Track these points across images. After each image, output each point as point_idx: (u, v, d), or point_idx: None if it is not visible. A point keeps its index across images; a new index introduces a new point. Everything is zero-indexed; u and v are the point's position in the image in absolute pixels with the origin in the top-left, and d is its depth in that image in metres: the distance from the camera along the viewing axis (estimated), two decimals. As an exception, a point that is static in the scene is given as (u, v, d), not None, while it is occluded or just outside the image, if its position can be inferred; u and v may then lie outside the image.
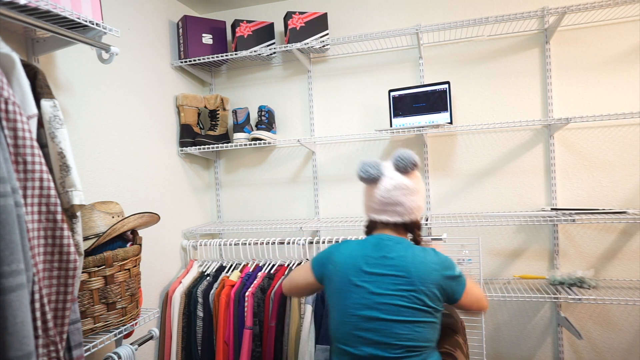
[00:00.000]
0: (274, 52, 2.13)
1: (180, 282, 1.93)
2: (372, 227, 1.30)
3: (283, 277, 1.86)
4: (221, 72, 2.43)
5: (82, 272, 1.20)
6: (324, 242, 1.97)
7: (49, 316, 0.93)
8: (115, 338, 1.33)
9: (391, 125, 2.02)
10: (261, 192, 2.38)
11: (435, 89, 1.95)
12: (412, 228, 1.29)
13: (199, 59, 2.11)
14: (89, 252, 1.25)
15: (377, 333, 1.13)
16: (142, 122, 1.88)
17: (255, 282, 1.84)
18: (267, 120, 2.17)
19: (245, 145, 2.14)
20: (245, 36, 2.14)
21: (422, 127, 1.91)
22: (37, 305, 0.89)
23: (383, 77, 2.18)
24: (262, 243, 2.00)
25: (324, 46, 2.07)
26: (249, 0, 2.30)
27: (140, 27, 1.91)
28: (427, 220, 1.99)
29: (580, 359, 1.99)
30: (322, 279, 1.30)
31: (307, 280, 1.34)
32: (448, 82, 1.93)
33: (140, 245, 1.44)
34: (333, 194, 2.28)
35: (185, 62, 2.13)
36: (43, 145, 1.02)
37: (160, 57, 2.05)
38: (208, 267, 2.06)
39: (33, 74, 1.04)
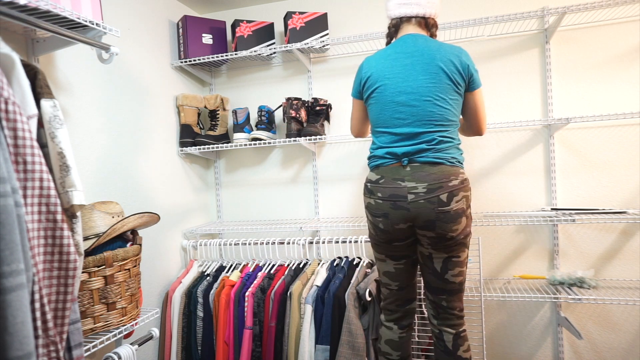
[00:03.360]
0: (274, 52, 2.13)
1: (180, 282, 1.93)
2: (395, 28, 1.46)
3: (283, 277, 1.86)
4: (221, 72, 2.44)
5: (82, 272, 1.20)
6: (324, 242, 1.97)
7: (49, 316, 0.93)
8: (115, 338, 1.33)
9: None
10: (261, 192, 2.38)
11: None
12: (431, 26, 1.45)
13: (199, 59, 2.11)
14: (89, 252, 1.25)
15: (412, 112, 1.36)
16: (142, 122, 1.88)
17: (255, 282, 1.84)
18: (267, 120, 2.17)
19: (245, 145, 2.14)
20: (245, 36, 2.14)
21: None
22: (37, 305, 0.89)
23: (383, 77, 2.17)
24: (262, 243, 2.00)
25: (324, 46, 2.07)
26: (249, 0, 2.30)
27: (140, 27, 1.91)
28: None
29: (580, 359, 1.99)
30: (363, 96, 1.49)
31: (358, 107, 1.55)
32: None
33: (140, 245, 1.44)
34: (333, 194, 2.28)
35: (185, 62, 2.13)
36: (43, 145, 1.02)
37: (160, 57, 2.05)
38: (208, 267, 2.06)
39: (33, 74, 1.04)
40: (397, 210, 1.35)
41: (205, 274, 2.01)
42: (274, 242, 1.99)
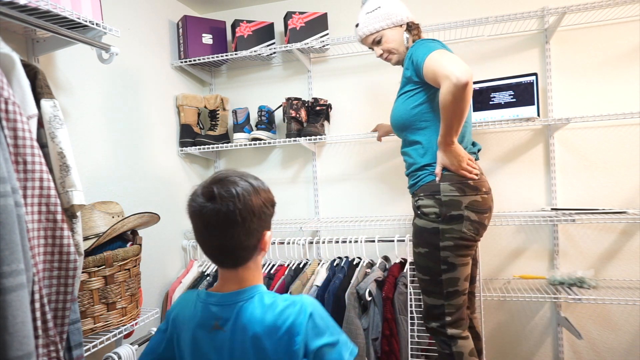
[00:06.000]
0: (274, 52, 2.13)
1: (181, 282, 1.93)
2: (418, 30, 1.54)
3: (283, 277, 1.86)
4: (221, 72, 2.43)
5: (82, 272, 1.20)
6: (324, 242, 1.97)
7: (49, 316, 0.93)
8: (115, 338, 1.33)
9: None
10: (261, 192, 2.38)
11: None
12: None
13: (199, 59, 2.11)
14: (89, 252, 1.25)
15: None
16: (142, 122, 1.88)
17: (255, 282, 1.84)
18: (267, 120, 2.17)
19: (245, 145, 2.14)
20: (245, 36, 2.14)
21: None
22: (37, 305, 0.89)
23: (383, 76, 2.17)
24: (262, 243, 2.00)
25: (324, 46, 2.07)
26: (249, 0, 2.30)
27: (140, 27, 1.91)
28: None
29: (580, 359, 1.99)
30: None
31: None
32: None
33: (140, 245, 1.44)
34: (333, 194, 2.28)
35: (185, 62, 2.13)
36: (43, 145, 1.02)
37: (160, 57, 2.05)
38: (208, 267, 2.06)
39: (33, 74, 1.04)
40: (493, 202, 1.42)
41: (206, 274, 2.01)
42: (274, 242, 1.98)
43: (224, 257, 0.86)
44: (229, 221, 0.80)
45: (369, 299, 1.63)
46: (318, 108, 2.12)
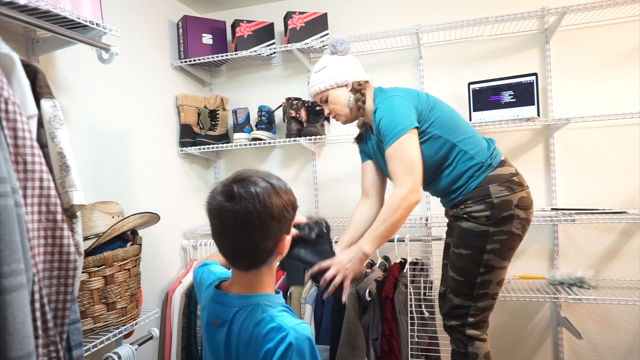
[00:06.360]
0: (274, 52, 2.13)
1: (181, 282, 1.93)
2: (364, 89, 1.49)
3: (283, 277, 1.85)
4: (221, 72, 2.43)
5: (82, 272, 1.20)
6: (324, 242, 1.97)
7: (49, 316, 0.93)
8: (115, 338, 1.33)
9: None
10: (261, 192, 2.38)
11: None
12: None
13: (199, 59, 2.11)
14: (89, 252, 1.25)
15: None
16: (142, 122, 1.88)
17: (255, 282, 1.84)
18: (267, 120, 2.17)
19: (245, 145, 2.14)
20: (245, 36, 2.14)
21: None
22: (37, 305, 0.89)
23: (383, 77, 2.17)
24: (262, 243, 2.00)
25: (324, 46, 2.07)
26: (249, 0, 2.30)
27: (140, 27, 1.91)
28: (427, 220, 1.99)
29: (580, 359, 1.99)
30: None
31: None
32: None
33: (140, 245, 1.44)
34: (333, 194, 2.28)
35: (185, 62, 2.13)
36: (43, 145, 1.02)
37: (160, 57, 2.05)
38: (208, 267, 2.06)
39: (33, 74, 1.04)
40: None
41: (205, 274, 2.01)
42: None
43: (237, 258, 0.85)
44: (247, 223, 0.78)
45: (369, 299, 1.63)
46: (318, 108, 2.12)
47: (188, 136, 2.14)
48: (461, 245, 1.39)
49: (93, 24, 1.24)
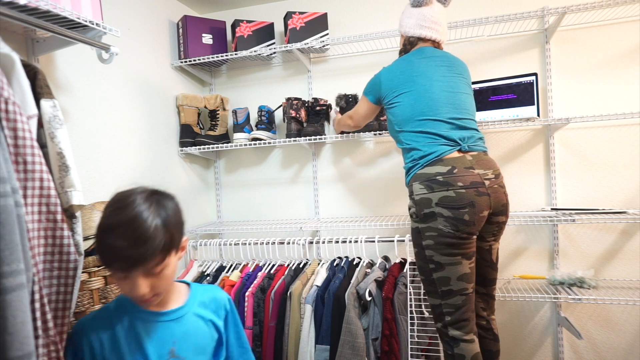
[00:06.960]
0: (274, 52, 2.13)
1: (180, 282, 1.93)
2: (412, 45, 1.60)
3: (283, 277, 1.86)
4: (221, 72, 2.43)
5: (82, 272, 1.20)
6: (324, 242, 1.97)
7: (49, 316, 0.93)
8: (115, 338, 1.32)
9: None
10: (261, 192, 2.38)
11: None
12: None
13: (199, 59, 2.11)
14: (89, 252, 1.25)
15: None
16: (142, 122, 1.88)
17: (255, 282, 1.84)
18: (267, 120, 2.17)
19: (245, 145, 2.14)
20: (245, 36, 2.14)
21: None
22: (37, 305, 0.89)
23: (383, 77, 2.17)
24: (262, 243, 2.00)
25: (324, 46, 2.07)
26: (249, 0, 2.30)
27: (140, 27, 1.91)
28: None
29: (580, 359, 1.99)
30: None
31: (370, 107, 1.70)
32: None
33: (140, 245, 1.44)
34: (333, 194, 2.28)
35: (185, 62, 2.13)
36: (43, 145, 1.02)
37: (160, 57, 2.05)
38: (208, 267, 2.06)
39: (33, 74, 1.04)
40: (481, 197, 1.34)
41: (205, 274, 2.01)
42: (274, 242, 1.98)
43: None
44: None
45: (369, 299, 1.63)
46: (318, 108, 2.12)
47: (188, 136, 2.14)
48: (413, 244, 1.46)
49: (93, 24, 1.25)
